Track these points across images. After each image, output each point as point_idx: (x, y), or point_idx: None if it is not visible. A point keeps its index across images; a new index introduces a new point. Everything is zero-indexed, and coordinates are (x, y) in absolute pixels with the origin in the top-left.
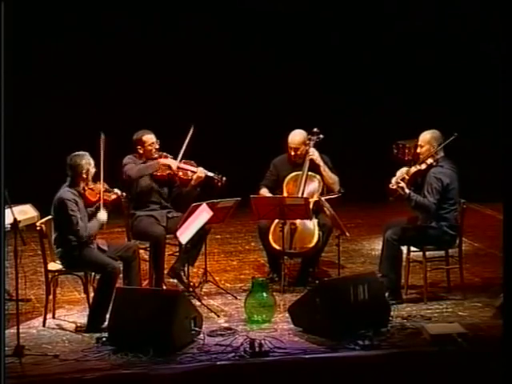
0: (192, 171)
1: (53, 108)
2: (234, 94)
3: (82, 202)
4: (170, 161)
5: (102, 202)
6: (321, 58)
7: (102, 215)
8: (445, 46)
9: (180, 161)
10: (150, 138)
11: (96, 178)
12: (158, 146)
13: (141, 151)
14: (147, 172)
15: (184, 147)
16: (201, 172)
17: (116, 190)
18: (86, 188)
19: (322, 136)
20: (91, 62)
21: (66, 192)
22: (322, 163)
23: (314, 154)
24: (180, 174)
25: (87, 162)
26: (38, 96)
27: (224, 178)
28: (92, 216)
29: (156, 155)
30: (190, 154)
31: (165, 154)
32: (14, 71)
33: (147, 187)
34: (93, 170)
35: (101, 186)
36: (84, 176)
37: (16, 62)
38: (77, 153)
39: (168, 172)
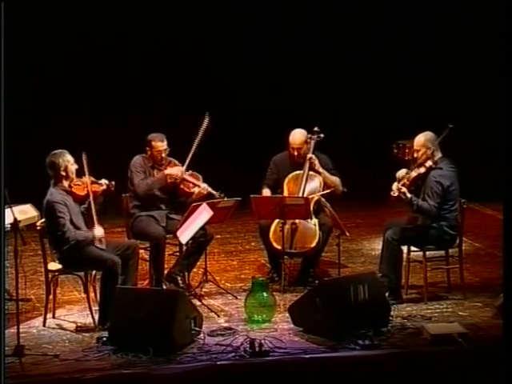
0: (195, 184)
1: (53, 108)
2: (234, 93)
3: (71, 198)
4: (175, 169)
5: (91, 194)
6: (321, 58)
7: (98, 231)
8: (444, 45)
9: (186, 170)
10: (159, 145)
11: (81, 173)
12: (165, 154)
13: (149, 152)
14: (156, 187)
15: (190, 155)
16: (203, 189)
17: (103, 181)
18: (72, 184)
19: (322, 135)
20: (92, 62)
21: (53, 194)
22: (321, 169)
23: (314, 160)
24: (183, 185)
25: (65, 159)
26: (39, 96)
27: (225, 198)
28: (85, 214)
29: (163, 161)
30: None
31: (172, 160)
32: (14, 71)
33: (151, 195)
34: (72, 167)
35: (87, 178)
36: (63, 174)
37: (16, 62)
38: (54, 151)
39: (172, 181)
